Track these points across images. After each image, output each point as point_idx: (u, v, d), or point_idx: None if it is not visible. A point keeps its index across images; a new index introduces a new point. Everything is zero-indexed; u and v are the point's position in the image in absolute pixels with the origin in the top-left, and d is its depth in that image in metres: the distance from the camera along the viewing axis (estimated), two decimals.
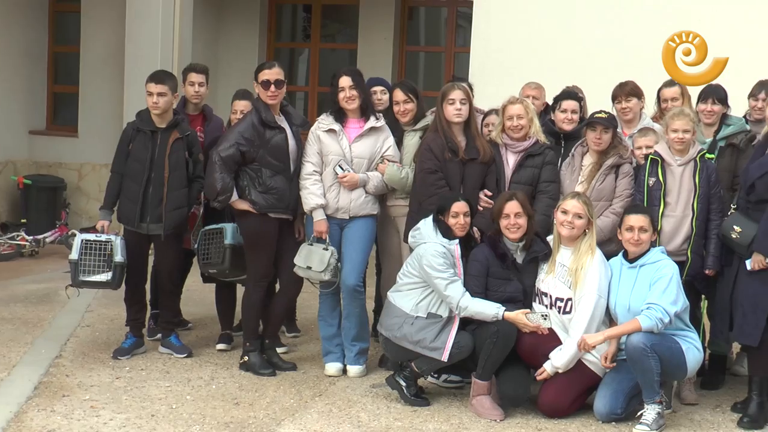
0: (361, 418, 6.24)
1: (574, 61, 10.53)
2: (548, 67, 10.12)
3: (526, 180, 6.97)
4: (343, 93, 7.03)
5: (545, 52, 10.84)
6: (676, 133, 6.72)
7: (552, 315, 6.49)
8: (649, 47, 10.59)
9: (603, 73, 8.97)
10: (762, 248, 6.37)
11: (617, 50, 10.63)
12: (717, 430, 6.33)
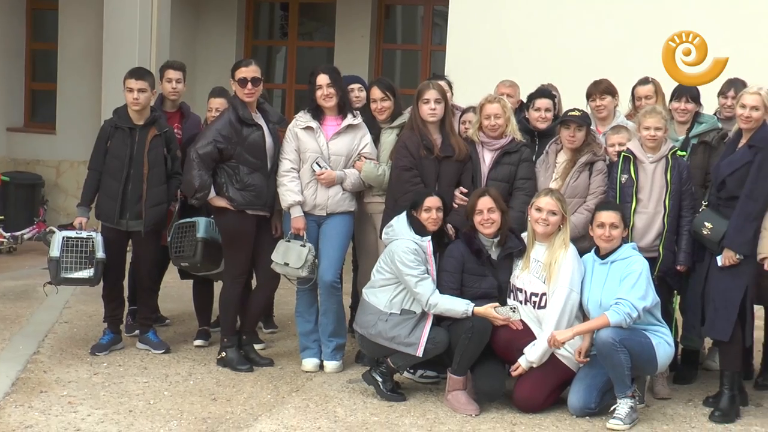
0: (338, 413, 6.24)
1: (547, 59, 10.59)
2: (522, 65, 10.17)
3: (502, 177, 6.99)
4: (321, 91, 7.03)
5: (520, 51, 10.91)
6: (648, 130, 6.75)
7: (527, 310, 6.53)
8: (624, 46, 10.71)
9: (577, 71, 8.98)
10: (732, 244, 6.42)
11: (591, 49, 10.72)
12: (689, 423, 6.36)
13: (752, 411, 6.67)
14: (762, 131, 6.49)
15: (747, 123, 6.47)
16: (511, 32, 11.12)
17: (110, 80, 11.83)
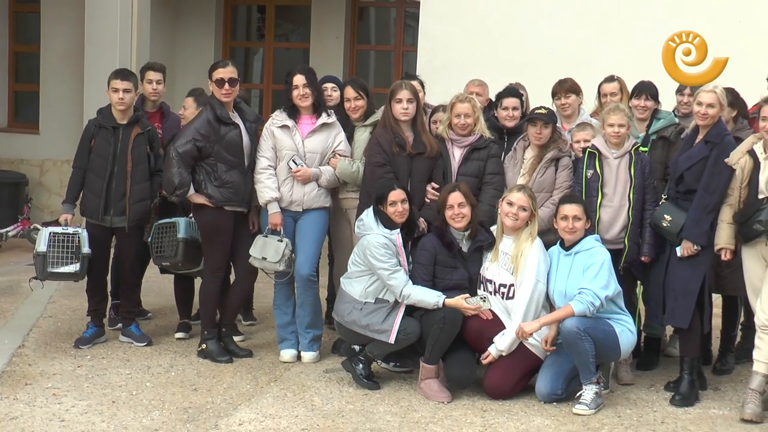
0: (315, 402, 6.27)
1: (515, 59, 10.64)
2: (491, 65, 10.20)
3: (472, 172, 7.03)
4: (297, 91, 7.05)
5: (488, 51, 10.95)
6: (612, 127, 6.79)
7: (496, 301, 6.58)
8: (588, 46, 10.75)
9: (543, 70, 9.03)
10: (690, 236, 6.50)
11: (556, 49, 10.77)
12: (651, 408, 6.42)
13: (710, 395, 6.75)
14: (717, 127, 6.57)
15: (703, 120, 6.54)
16: (479, 33, 11.17)
17: (92, 82, 11.83)
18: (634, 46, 10.60)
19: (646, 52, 10.36)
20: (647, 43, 10.55)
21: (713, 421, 6.21)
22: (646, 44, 10.56)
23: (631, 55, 10.28)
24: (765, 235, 6.26)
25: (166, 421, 5.81)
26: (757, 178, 6.34)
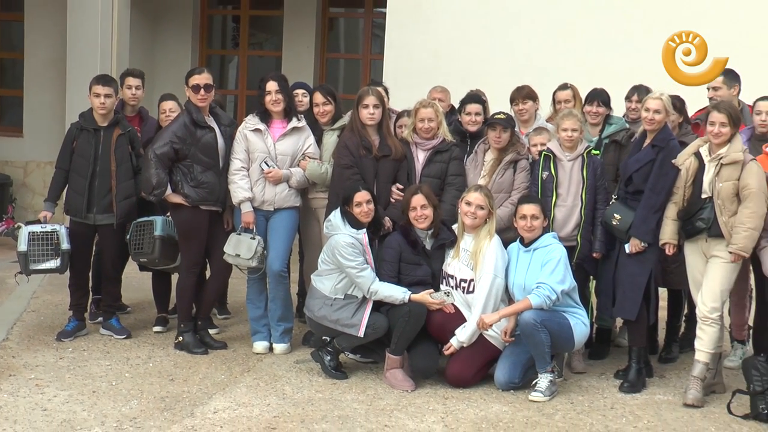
0: (286, 390, 6.28)
1: (475, 67, 10.67)
2: (452, 72, 10.20)
3: (435, 174, 7.05)
4: (270, 96, 7.05)
5: (450, 60, 10.99)
6: (566, 131, 6.85)
7: (458, 295, 6.61)
8: (543, 54, 10.81)
9: (500, 78, 9.07)
10: (638, 233, 6.57)
11: (514, 58, 10.83)
12: (602, 394, 6.49)
13: (656, 381, 6.83)
14: (663, 132, 6.64)
15: (650, 125, 6.61)
16: (442, 43, 11.22)
17: (73, 87, 11.78)
18: (588, 54, 10.69)
19: (598, 60, 10.52)
20: (599, 52, 10.73)
21: (658, 406, 6.27)
22: (598, 53, 10.72)
23: (585, 63, 10.37)
24: (706, 232, 6.35)
25: (144, 409, 5.80)
26: (701, 178, 6.41)
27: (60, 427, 5.43)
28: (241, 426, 5.53)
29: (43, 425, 5.45)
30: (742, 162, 6.29)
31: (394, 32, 11.44)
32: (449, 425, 5.71)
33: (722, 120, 6.31)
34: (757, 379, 6.02)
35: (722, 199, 6.28)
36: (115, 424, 5.51)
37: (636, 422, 5.93)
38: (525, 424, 5.78)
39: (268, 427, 5.54)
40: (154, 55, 14.07)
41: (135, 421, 5.57)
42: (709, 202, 6.35)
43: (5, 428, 5.35)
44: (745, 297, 7.06)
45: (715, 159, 6.36)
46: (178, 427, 5.48)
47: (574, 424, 5.83)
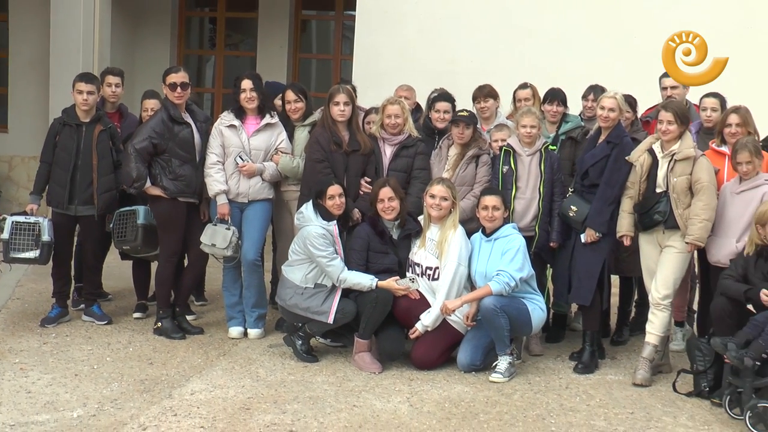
0: (260, 373, 6.28)
1: (438, 67, 10.66)
2: (417, 72, 10.18)
3: (401, 168, 7.07)
4: (245, 94, 7.04)
5: (415, 60, 10.99)
6: (525, 128, 6.88)
7: (423, 282, 6.63)
8: (503, 55, 10.84)
9: (463, 78, 9.10)
10: (593, 224, 6.62)
11: (476, 58, 10.85)
12: (558, 375, 6.54)
13: (608, 363, 6.90)
14: (617, 129, 6.69)
15: (605, 122, 6.66)
16: (408, 44, 11.22)
17: (57, 85, 11.70)
18: (546, 56, 10.74)
19: (555, 61, 10.56)
20: (557, 53, 10.77)
21: (610, 386, 6.34)
22: (555, 54, 10.76)
23: (543, 64, 10.41)
24: (663, 224, 6.40)
25: (125, 391, 5.79)
26: (655, 173, 6.46)
27: (44, 408, 5.41)
28: (217, 407, 5.53)
29: (28, 407, 5.43)
30: (693, 158, 6.35)
31: (363, 34, 11.44)
32: (414, 405, 5.73)
33: (669, 118, 6.37)
34: (699, 359, 6.09)
35: (677, 193, 6.33)
36: (96, 406, 5.49)
37: (589, 401, 5.98)
38: (485, 404, 5.81)
39: (242, 407, 5.54)
40: (134, 54, 13.97)
41: (116, 403, 5.56)
42: (664, 196, 6.40)
43: None
44: (686, 281, 7.12)
45: (668, 155, 6.41)
46: (157, 408, 5.47)
47: (531, 403, 5.87)
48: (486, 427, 5.36)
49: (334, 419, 5.39)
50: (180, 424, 5.22)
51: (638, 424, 5.57)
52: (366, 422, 5.37)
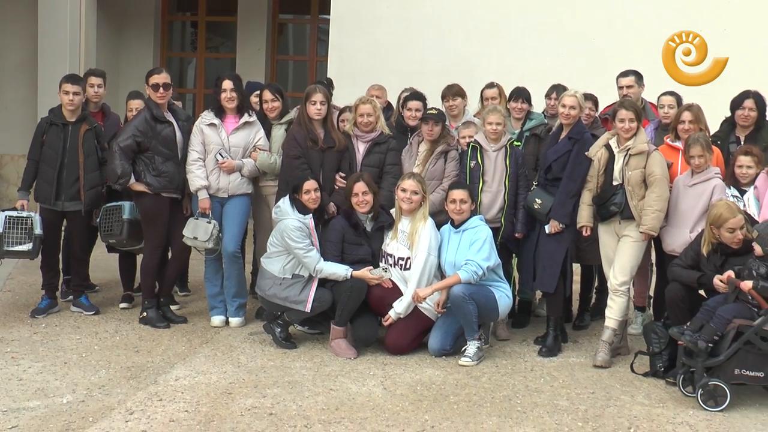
0: (241, 359, 6.27)
1: (407, 67, 10.72)
2: (388, 73, 10.21)
3: (374, 163, 7.07)
4: (225, 94, 7.02)
5: (386, 61, 11.04)
6: (491, 125, 6.89)
7: (395, 272, 6.63)
8: (468, 56, 10.88)
9: (432, 77, 9.06)
10: (557, 216, 6.65)
11: (444, 59, 10.88)
12: (523, 358, 6.57)
13: (571, 346, 6.95)
14: (578, 126, 6.73)
15: (567, 119, 6.69)
16: (380, 46, 11.26)
17: (44, 87, 11.66)
18: (511, 56, 10.79)
19: (520, 61, 10.61)
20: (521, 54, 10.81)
21: (572, 368, 6.37)
22: (520, 55, 10.80)
23: (508, 64, 10.47)
24: (619, 215, 6.44)
25: (112, 378, 5.76)
26: (612, 167, 6.50)
27: (35, 395, 5.38)
28: (200, 392, 5.51)
29: (19, 394, 5.39)
30: (647, 152, 6.40)
31: (337, 37, 11.46)
32: (388, 388, 5.73)
33: (630, 116, 6.42)
34: (655, 342, 6.14)
35: (632, 186, 6.37)
36: (85, 392, 5.47)
37: (552, 382, 6.01)
38: (455, 386, 5.83)
39: (224, 392, 5.52)
40: (118, 56, 13.88)
41: (103, 389, 5.54)
42: (620, 188, 6.44)
43: None
44: (646, 268, 7.17)
45: (623, 150, 6.45)
46: (143, 394, 5.44)
47: (499, 385, 5.89)
48: (456, 409, 5.37)
49: (311, 402, 5.38)
50: (165, 408, 5.19)
51: (598, 403, 5.60)
52: (342, 405, 5.36)
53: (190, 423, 4.97)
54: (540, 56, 10.73)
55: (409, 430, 4.98)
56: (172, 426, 4.92)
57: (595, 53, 10.57)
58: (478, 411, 5.35)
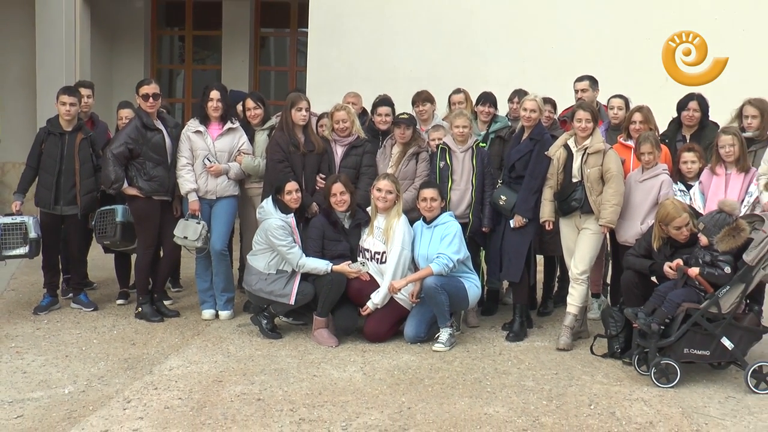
0: (230, 350, 6.25)
1: (380, 76, 10.74)
2: (363, 81, 10.21)
3: (351, 165, 7.06)
4: (212, 103, 6.99)
5: (361, 70, 11.05)
6: (458, 128, 6.90)
7: (372, 265, 6.63)
8: (436, 64, 10.91)
9: (403, 84, 9.08)
10: (521, 211, 6.67)
11: (412, 68, 10.92)
12: (492, 343, 6.59)
13: (536, 331, 6.98)
14: (538, 128, 6.75)
15: (528, 122, 6.71)
16: (354, 57, 11.26)
17: (42, 99, 11.62)
18: (475, 64, 10.82)
19: (484, 68, 10.64)
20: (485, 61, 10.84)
21: (537, 351, 6.40)
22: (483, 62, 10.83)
23: (473, 71, 10.49)
24: (579, 209, 6.47)
25: (110, 369, 5.74)
26: (570, 165, 6.52)
27: (38, 386, 5.35)
28: (192, 380, 5.49)
29: (23, 385, 5.37)
30: (603, 151, 6.43)
31: (315, 48, 11.44)
32: (367, 373, 5.74)
33: (587, 117, 6.45)
34: (612, 325, 6.18)
35: (591, 182, 6.40)
36: (85, 382, 5.44)
37: (519, 364, 6.03)
38: (430, 370, 5.84)
39: (215, 380, 5.51)
40: (111, 69, 13.79)
41: (102, 380, 5.51)
42: (579, 185, 6.46)
43: None
44: (601, 258, 7.21)
45: (581, 149, 6.48)
46: (140, 383, 5.42)
47: (470, 368, 5.91)
48: (430, 391, 5.38)
49: (296, 388, 5.38)
50: (160, 396, 5.17)
51: (561, 382, 5.63)
52: (325, 389, 5.36)
53: (183, 409, 4.95)
54: (502, 64, 10.77)
55: (388, 411, 4.99)
56: (167, 413, 4.90)
57: (553, 61, 10.63)
58: (451, 393, 5.37)
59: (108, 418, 4.81)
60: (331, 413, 4.94)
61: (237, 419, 4.82)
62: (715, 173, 6.41)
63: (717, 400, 5.36)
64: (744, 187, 6.28)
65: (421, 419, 4.87)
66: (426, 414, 4.96)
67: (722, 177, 6.37)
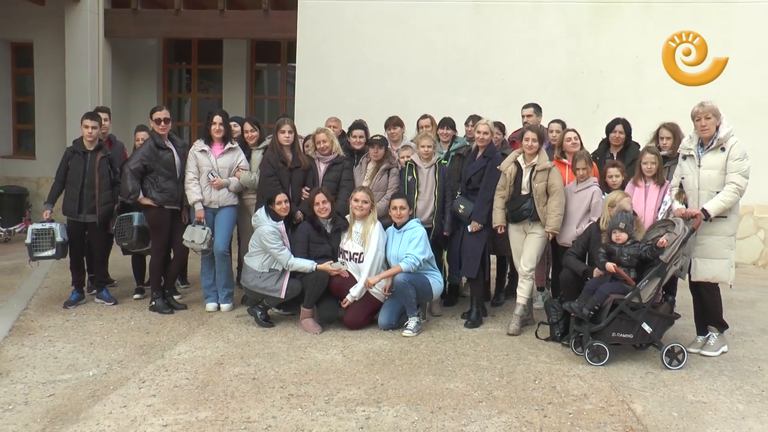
0: (230, 337, 6.21)
1: (359, 103, 10.74)
2: (343, 107, 10.20)
3: (332, 179, 7.03)
4: (215, 126, 6.94)
5: (341, 98, 11.03)
6: (423, 148, 6.90)
7: (351, 264, 6.61)
8: (406, 93, 10.90)
9: (377, 110, 9.08)
10: (477, 218, 6.67)
11: (385, 97, 10.91)
12: (453, 330, 6.58)
13: (490, 320, 6.97)
14: (490, 147, 6.76)
15: (481, 142, 6.72)
16: (335, 87, 11.24)
17: (71, 122, 11.60)
18: (438, 93, 10.82)
19: (446, 97, 10.65)
20: (446, 91, 10.84)
21: (491, 336, 6.41)
22: (446, 92, 10.83)
23: (437, 100, 10.49)
24: (529, 218, 6.49)
25: (128, 354, 5.69)
26: (520, 180, 6.53)
27: (67, 369, 5.31)
28: (198, 363, 5.45)
29: (54, 368, 5.32)
30: (548, 168, 6.45)
31: (302, 79, 11.40)
32: (347, 356, 5.72)
33: (533, 137, 6.47)
34: (553, 314, 6.19)
35: (538, 195, 6.42)
36: (107, 366, 5.39)
37: (476, 347, 6.04)
38: (400, 353, 5.83)
39: (217, 363, 5.47)
40: (129, 97, 13.70)
41: (121, 363, 5.46)
42: (528, 197, 6.48)
43: (27, 373, 5.22)
44: (544, 258, 7.21)
45: (530, 166, 6.49)
46: (153, 366, 5.38)
47: (434, 351, 5.91)
48: (401, 370, 5.37)
49: (286, 368, 5.35)
50: (170, 377, 5.14)
51: (511, 362, 5.64)
52: (310, 369, 5.34)
53: (190, 388, 4.92)
54: (461, 93, 10.80)
55: (364, 387, 4.97)
56: (176, 391, 4.87)
57: (504, 91, 10.67)
58: (418, 371, 5.36)
59: (126, 395, 4.77)
60: (315, 389, 4.92)
61: (235, 395, 4.79)
62: (636, 185, 6.44)
63: (639, 376, 5.39)
64: (660, 196, 6.32)
65: (393, 393, 4.87)
66: (396, 389, 4.95)
67: (642, 188, 6.41)
